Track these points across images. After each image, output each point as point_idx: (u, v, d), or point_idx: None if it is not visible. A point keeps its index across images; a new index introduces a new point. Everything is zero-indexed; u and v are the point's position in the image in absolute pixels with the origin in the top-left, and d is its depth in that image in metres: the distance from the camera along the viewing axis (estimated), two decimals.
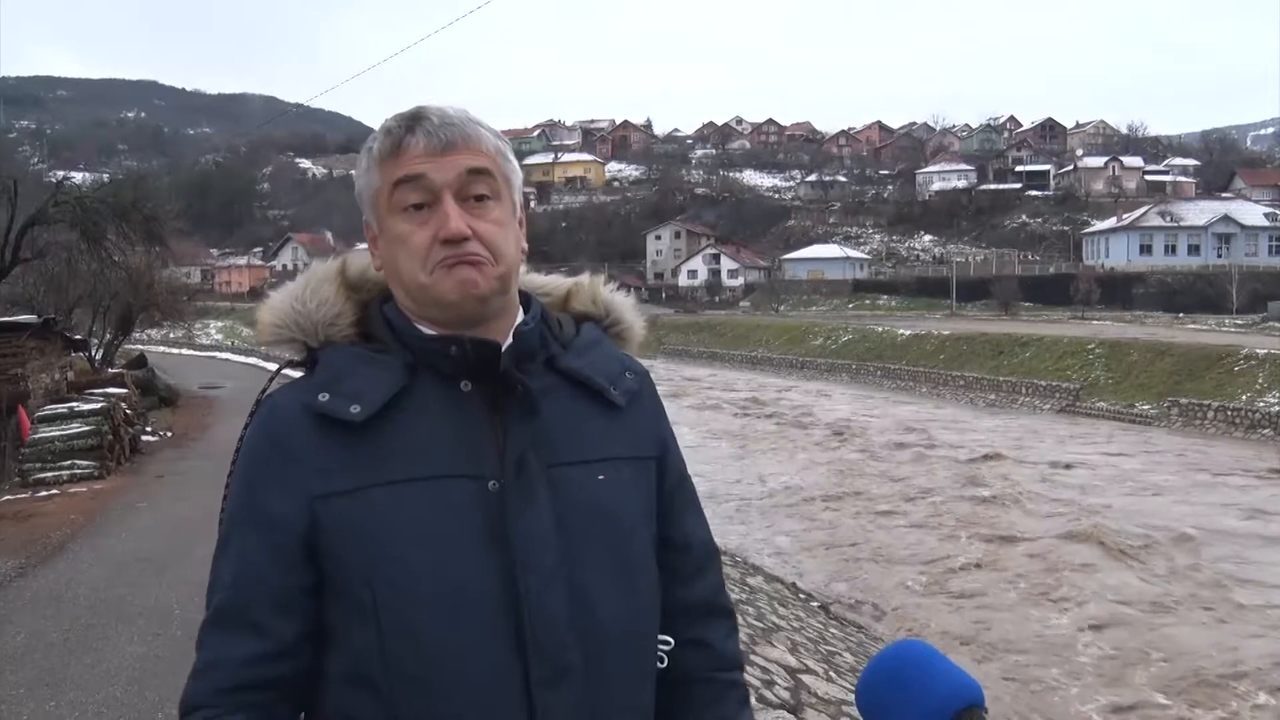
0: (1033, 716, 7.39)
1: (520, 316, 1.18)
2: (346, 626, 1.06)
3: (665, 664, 1.21)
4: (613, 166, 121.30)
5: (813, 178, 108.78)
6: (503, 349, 1.12)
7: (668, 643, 1.22)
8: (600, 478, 1.14)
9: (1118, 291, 58.50)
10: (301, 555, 1.07)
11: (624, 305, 1.33)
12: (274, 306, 1.19)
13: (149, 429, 17.94)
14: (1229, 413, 23.35)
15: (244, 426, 1.15)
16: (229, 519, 1.11)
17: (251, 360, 39.57)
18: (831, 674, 5.78)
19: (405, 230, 1.11)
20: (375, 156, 1.13)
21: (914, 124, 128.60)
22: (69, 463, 12.98)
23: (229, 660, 1.05)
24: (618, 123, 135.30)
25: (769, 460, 20.01)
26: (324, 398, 1.08)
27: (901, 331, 42.14)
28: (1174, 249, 66.90)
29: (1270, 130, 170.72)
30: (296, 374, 1.18)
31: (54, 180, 25.66)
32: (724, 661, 1.27)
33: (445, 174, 1.10)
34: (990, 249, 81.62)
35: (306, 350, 1.16)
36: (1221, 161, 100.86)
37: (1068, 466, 18.36)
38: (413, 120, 1.11)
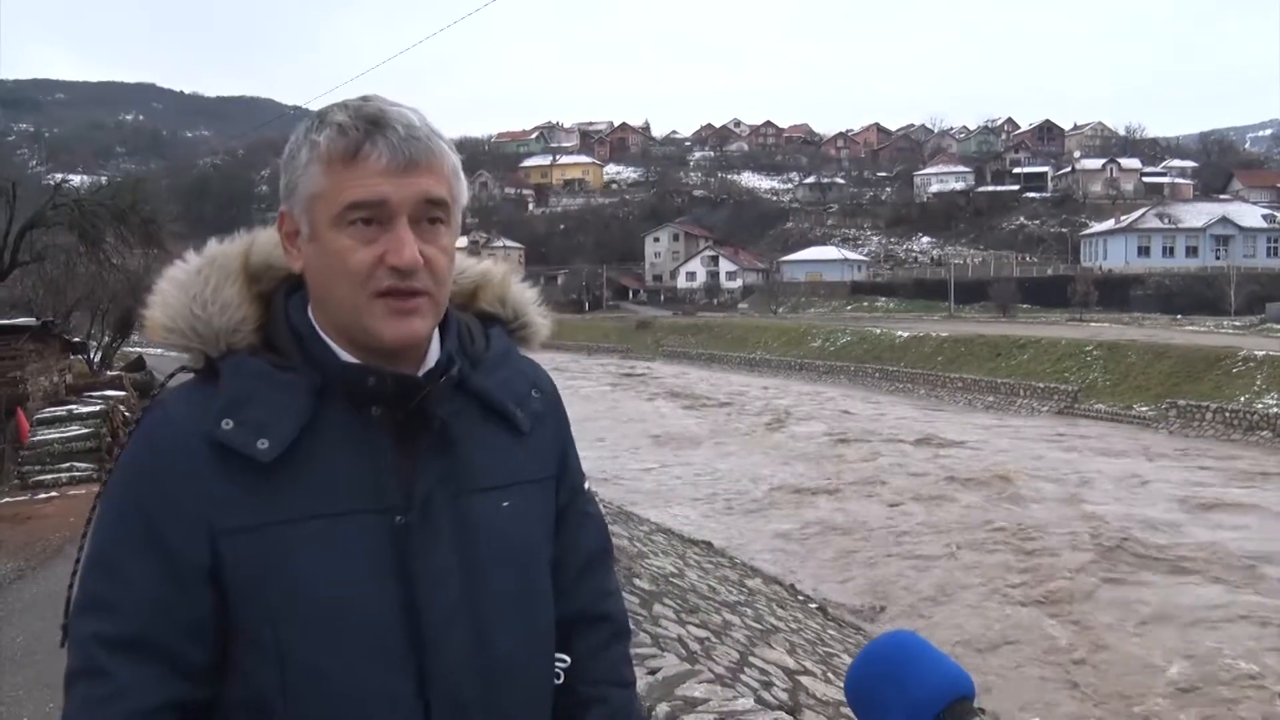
0: None
1: (436, 345, 1.11)
2: (246, 659, 1.01)
3: (561, 680, 1.20)
4: (611, 169, 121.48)
5: (811, 180, 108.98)
6: (419, 375, 1.07)
7: (564, 660, 1.20)
8: (505, 504, 1.12)
9: (1116, 293, 58.58)
10: (205, 585, 1.01)
11: (530, 305, 1.27)
12: (167, 303, 1.08)
13: None
14: (1227, 414, 23.36)
15: (129, 432, 1.07)
16: (115, 537, 1.02)
17: None
18: (829, 675, 5.79)
19: (346, 246, 1.02)
20: (323, 156, 1.02)
21: (912, 126, 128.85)
22: (68, 465, 12.99)
23: (146, 682, 0.98)
24: (616, 125, 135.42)
25: (756, 458, 20.13)
26: (227, 425, 1.00)
27: (899, 333, 42.16)
28: (1172, 251, 67.03)
29: (1268, 132, 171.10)
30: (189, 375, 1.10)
31: (52, 183, 25.68)
32: (586, 671, 1.22)
33: (404, 195, 1.01)
34: (988, 251, 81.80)
35: (205, 358, 1.07)
36: (1219, 163, 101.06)
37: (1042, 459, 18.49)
38: (373, 125, 1.01)
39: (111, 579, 1.00)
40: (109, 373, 22.28)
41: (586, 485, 1.29)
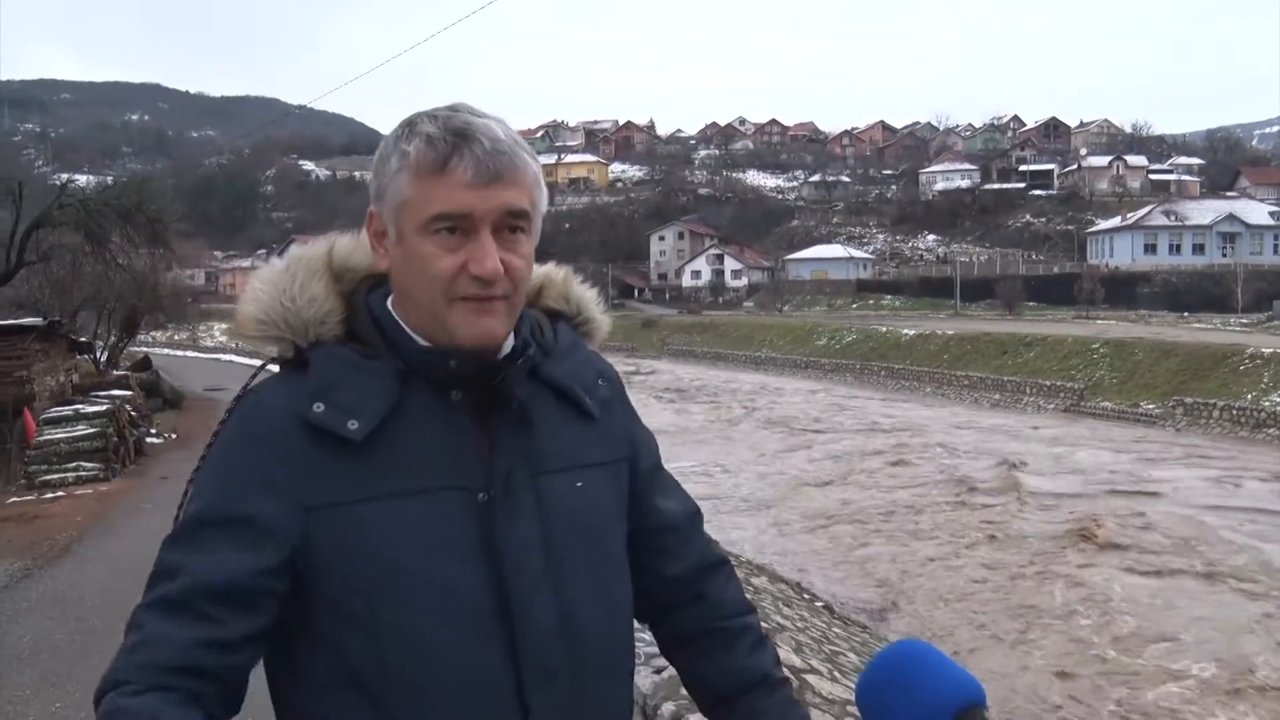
0: None
1: (510, 334, 1.16)
2: (339, 633, 1.05)
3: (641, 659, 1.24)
4: (616, 167, 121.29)
5: (816, 178, 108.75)
6: (498, 359, 1.12)
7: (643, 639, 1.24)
8: (579, 484, 1.16)
9: (1122, 291, 58.45)
10: (280, 561, 1.03)
11: (591, 302, 1.34)
12: (258, 299, 1.13)
13: (154, 431, 17.99)
14: (1234, 412, 23.30)
15: (221, 421, 1.11)
16: (200, 516, 1.05)
17: (257, 363, 39.50)
18: (835, 674, 5.77)
19: (431, 253, 1.07)
20: (413, 166, 1.06)
21: (917, 124, 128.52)
22: (74, 465, 13.02)
23: (173, 640, 0.98)
24: (621, 123, 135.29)
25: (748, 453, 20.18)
26: (319, 408, 1.05)
27: (905, 331, 42.12)
28: (1179, 248, 66.79)
29: (1276, 129, 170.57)
30: (274, 367, 1.15)
31: (58, 183, 25.67)
32: (725, 609, 1.31)
33: (488, 207, 1.06)
34: (994, 249, 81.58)
35: (294, 349, 1.12)
36: (1226, 160, 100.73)
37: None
38: (460, 138, 1.06)
39: (181, 551, 1.04)
40: (115, 372, 22.33)
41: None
